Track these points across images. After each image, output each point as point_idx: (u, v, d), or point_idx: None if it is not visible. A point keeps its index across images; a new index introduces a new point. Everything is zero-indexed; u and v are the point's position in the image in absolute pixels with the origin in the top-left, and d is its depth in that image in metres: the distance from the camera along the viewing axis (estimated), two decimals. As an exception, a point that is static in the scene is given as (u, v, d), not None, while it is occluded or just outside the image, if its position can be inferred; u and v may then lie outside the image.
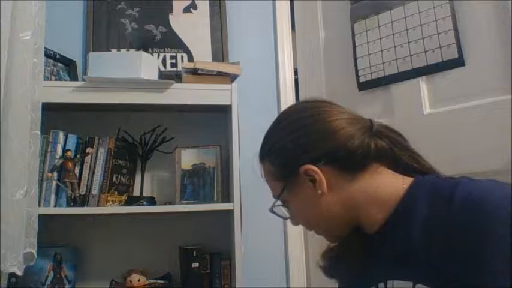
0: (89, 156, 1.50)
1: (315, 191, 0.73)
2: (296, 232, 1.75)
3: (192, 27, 1.83)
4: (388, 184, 0.73)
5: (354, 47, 1.46)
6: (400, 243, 0.68)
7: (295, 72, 1.89)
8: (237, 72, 1.58)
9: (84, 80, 1.48)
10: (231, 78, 1.58)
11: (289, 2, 1.94)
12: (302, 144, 0.75)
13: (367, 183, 0.73)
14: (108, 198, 1.48)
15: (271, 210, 0.80)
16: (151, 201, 1.56)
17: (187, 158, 1.58)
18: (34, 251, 1.27)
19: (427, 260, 0.63)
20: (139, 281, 1.47)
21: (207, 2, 1.85)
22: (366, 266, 0.74)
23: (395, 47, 1.33)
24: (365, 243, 0.76)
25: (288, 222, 0.86)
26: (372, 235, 0.74)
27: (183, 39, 1.81)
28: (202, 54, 1.80)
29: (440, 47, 1.23)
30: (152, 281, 1.50)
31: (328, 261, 0.83)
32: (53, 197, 1.43)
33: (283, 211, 0.81)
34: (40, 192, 1.40)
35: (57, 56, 1.60)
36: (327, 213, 0.75)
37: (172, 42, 1.80)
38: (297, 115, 0.80)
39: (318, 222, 0.79)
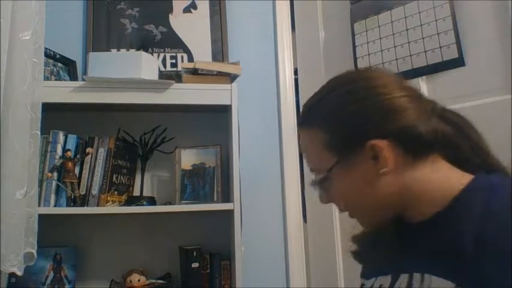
0: (89, 156, 1.50)
1: (376, 169, 0.67)
2: (296, 232, 1.75)
3: (192, 27, 1.83)
4: (444, 179, 0.68)
5: (354, 47, 1.46)
6: (448, 241, 0.64)
7: (295, 72, 1.90)
8: (237, 72, 1.58)
9: (84, 80, 1.48)
10: (231, 78, 1.58)
11: (289, 2, 1.94)
12: (370, 118, 0.68)
13: (424, 174, 0.68)
14: (108, 198, 1.48)
15: (314, 184, 0.72)
16: (151, 201, 1.56)
17: (187, 158, 1.58)
18: (34, 251, 1.27)
19: (475, 263, 0.58)
20: (139, 281, 1.47)
21: (207, 2, 1.85)
22: (399, 256, 0.70)
23: (395, 47, 1.34)
24: (402, 233, 0.72)
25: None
26: (412, 225, 0.71)
27: (183, 39, 1.81)
28: (202, 54, 1.80)
29: (440, 47, 1.23)
30: (152, 281, 1.50)
31: (360, 247, 0.79)
32: (53, 197, 1.42)
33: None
34: (40, 192, 1.40)
35: (57, 56, 1.60)
36: (379, 195, 0.69)
37: (172, 42, 1.80)
38: (356, 85, 0.72)
39: (365, 204, 0.71)
